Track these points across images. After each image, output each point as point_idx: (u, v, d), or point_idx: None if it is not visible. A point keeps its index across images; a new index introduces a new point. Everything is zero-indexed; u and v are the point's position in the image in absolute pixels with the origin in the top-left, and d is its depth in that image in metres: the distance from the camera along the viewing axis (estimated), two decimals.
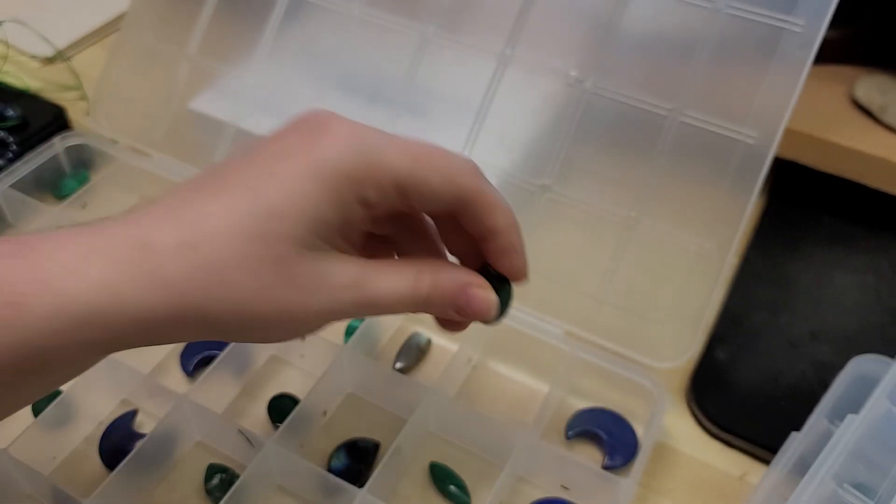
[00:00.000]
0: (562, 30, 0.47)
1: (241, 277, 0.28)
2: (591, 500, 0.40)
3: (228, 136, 0.53)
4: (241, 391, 0.45)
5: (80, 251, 0.27)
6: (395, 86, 0.50)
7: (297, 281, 0.29)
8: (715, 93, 0.44)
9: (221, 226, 0.27)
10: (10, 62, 0.66)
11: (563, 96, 0.46)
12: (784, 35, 0.42)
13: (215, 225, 0.27)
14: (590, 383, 0.45)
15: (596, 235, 0.45)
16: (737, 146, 0.43)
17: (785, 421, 0.43)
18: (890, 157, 0.51)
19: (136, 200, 0.56)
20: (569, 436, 0.43)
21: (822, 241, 0.54)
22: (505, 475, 0.39)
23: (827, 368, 0.46)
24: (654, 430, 0.40)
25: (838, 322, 0.49)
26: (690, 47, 0.44)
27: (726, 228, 0.42)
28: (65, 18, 0.70)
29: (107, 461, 0.42)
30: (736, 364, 0.47)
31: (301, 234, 0.28)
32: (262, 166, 0.29)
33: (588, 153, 0.46)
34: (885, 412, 0.36)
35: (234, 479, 0.40)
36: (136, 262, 0.27)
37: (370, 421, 0.44)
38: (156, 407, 0.44)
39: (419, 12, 0.49)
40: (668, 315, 0.43)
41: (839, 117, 0.53)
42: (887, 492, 0.35)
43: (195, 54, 0.55)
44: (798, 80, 0.41)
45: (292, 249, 0.28)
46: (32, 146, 0.55)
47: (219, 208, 0.28)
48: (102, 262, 0.27)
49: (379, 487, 0.39)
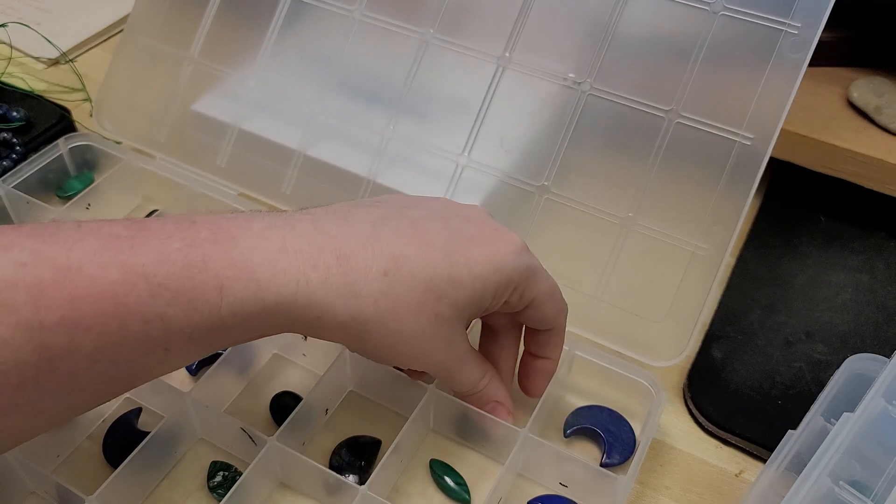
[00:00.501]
0: (560, 33, 0.47)
1: (410, 317, 0.33)
2: (589, 497, 0.41)
3: (231, 137, 0.53)
4: (244, 389, 0.46)
5: (274, 245, 0.32)
6: (395, 88, 0.50)
7: (441, 339, 0.35)
8: (711, 94, 0.44)
9: (416, 271, 0.33)
10: (14, 64, 0.66)
11: (561, 98, 0.47)
12: (780, 37, 0.42)
13: (410, 270, 0.33)
14: (588, 381, 0.45)
15: (594, 236, 0.46)
16: (733, 147, 0.43)
17: (781, 419, 0.43)
18: (885, 157, 0.51)
19: (139, 201, 0.56)
20: (567, 433, 0.44)
21: (818, 241, 0.54)
22: (504, 472, 0.39)
23: (823, 367, 0.47)
24: (652, 427, 0.41)
25: (834, 321, 0.49)
26: (687, 49, 0.44)
27: (723, 229, 0.43)
28: (69, 21, 0.71)
29: (110, 459, 0.42)
30: (732, 362, 0.47)
31: (464, 307, 0.35)
32: (458, 239, 0.35)
33: (586, 154, 0.46)
34: (881, 410, 0.37)
35: (237, 477, 0.40)
36: (334, 270, 0.32)
37: (371, 418, 0.45)
38: (159, 405, 0.44)
39: (419, 15, 0.50)
40: (666, 314, 0.44)
41: (835, 118, 0.54)
42: (883, 489, 0.35)
43: (198, 57, 0.55)
44: (794, 82, 0.42)
45: (454, 315, 0.35)
46: (37, 147, 0.56)
47: (418, 259, 0.33)
48: (300, 260, 0.32)
49: (380, 484, 0.39)
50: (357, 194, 0.50)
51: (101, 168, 0.56)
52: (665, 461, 0.44)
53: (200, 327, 0.31)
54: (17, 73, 0.65)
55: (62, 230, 0.30)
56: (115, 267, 0.29)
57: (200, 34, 0.55)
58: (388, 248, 0.33)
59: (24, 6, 0.72)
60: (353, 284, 0.32)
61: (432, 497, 0.41)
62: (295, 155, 0.52)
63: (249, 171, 0.53)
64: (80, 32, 0.70)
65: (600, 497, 0.40)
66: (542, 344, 0.41)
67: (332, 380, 0.44)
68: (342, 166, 0.51)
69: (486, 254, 0.35)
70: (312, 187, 0.52)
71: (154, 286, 0.29)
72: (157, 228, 0.31)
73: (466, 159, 0.49)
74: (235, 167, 0.53)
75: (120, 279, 0.29)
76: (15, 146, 0.56)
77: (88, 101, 0.64)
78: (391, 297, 0.33)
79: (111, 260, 0.29)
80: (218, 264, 0.30)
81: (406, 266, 0.33)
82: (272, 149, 0.52)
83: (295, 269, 0.31)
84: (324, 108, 0.52)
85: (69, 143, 0.55)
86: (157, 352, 0.31)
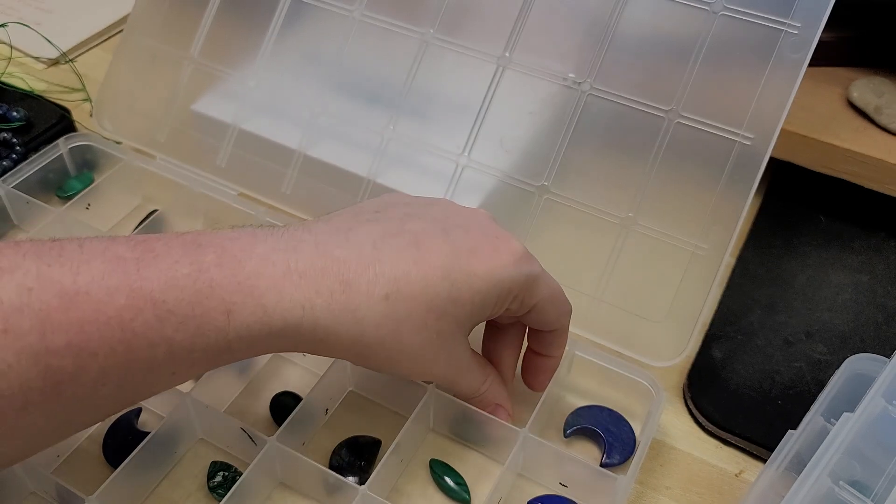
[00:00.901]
0: (560, 32, 0.47)
1: (412, 337, 0.34)
2: (589, 498, 0.41)
3: (231, 137, 0.53)
4: (244, 389, 0.46)
5: (279, 270, 0.32)
6: (395, 88, 0.50)
7: (442, 353, 0.36)
8: (711, 94, 0.44)
9: (416, 293, 0.33)
10: (14, 64, 0.66)
11: (561, 98, 0.47)
12: (780, 37, 0.42)
13: (411, 292, 0.33)
14: (588, 381, 0.45)
15: (593, 236, 0.46)
16: (733, 147, 0.43)
17: (781, 419, 0.43)
18: (885, 157, 0.51)
19: (139, 201, 0.56)
20: (567, 433, 0.44)
21: (818, 241, 0.54)
22: (504, 472, 0.39)
23: (822, 367, 0.47)
24: (652, 427, 0.41)
25: (834, 321, 0.49)
26: (687, 49, 0.44)
27: (723, 229, 0.43)
28: (69, 21, 0.71)
29: (110, 459, 0.42)
30: (732, 362, 0.47)
31: (465, 321, 0.35)
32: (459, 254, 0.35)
33: (586, 155, 0.46)
34: (881, 410, 0.37)
35: (237, 477, 0.40)
36: (338, 296, 0.32)
37: (371, 418, 0.45)
38: (159, 405, 0.44)
39: (419, 15, 0.50)
40: (666, 314, 0.44)
41: (835, 118, 0.54)
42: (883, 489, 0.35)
43: (198, 57, 0.55)
44: (794, 82, 0.42)
45: (455, 330, 0.35)
46: (37, 147, 0.56)
47: (418, 280, 0.34)
48: (305, 285, 0.32)
49: (380, 484, 0.39)
50: (357, 194, 0.50)
51: (101, 168, 0.56)
52: (665, 461, 0.44)
53: (207, 351, 0.31)
54: (17, 73, 0.65)
55: (66, 251, 0.30)
56: (121, 291, 0.29)
57: (200, 34, 0.55)
58: (389, 270, 0.33)
59: (24, 6, 0.72)
60: (356, 310, 0.33)
61: (432, 497, 0.41)
62: (295, 155, 0.52)
63: (249, 171, 0.53)
64: (80, 32, 0.70)
65: (600, 497, 0.40)
66: (546, 344, 0.41)
67: (332, 380, 0.44)
68: (342, 166, 0.51)
69: (486, 267, 0.35)
70: (312, 187, 0.52)
71: (163, 312, 0.30)
72: (162, 251, 0.31)
73: (466, 159, 0.49)
74: (235, 167, 0.54)
75: (127, 304, 0.29)
76: (15, 146, 0.56)
77: (88, 101, 0.64)
78: (393, 319, 0.33)
79: (118, 284, 0.29)
80: (224, 290, 0.31)
81: (407, 289, 0.33)
82: (272, 149, 0.52)
83: (300, 295, 0.32)
84: (324, 108, 0.52)
85: (69, 143, 0.55)
86: (162, 374, 0.31)
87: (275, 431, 0.40)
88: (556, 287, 0.39)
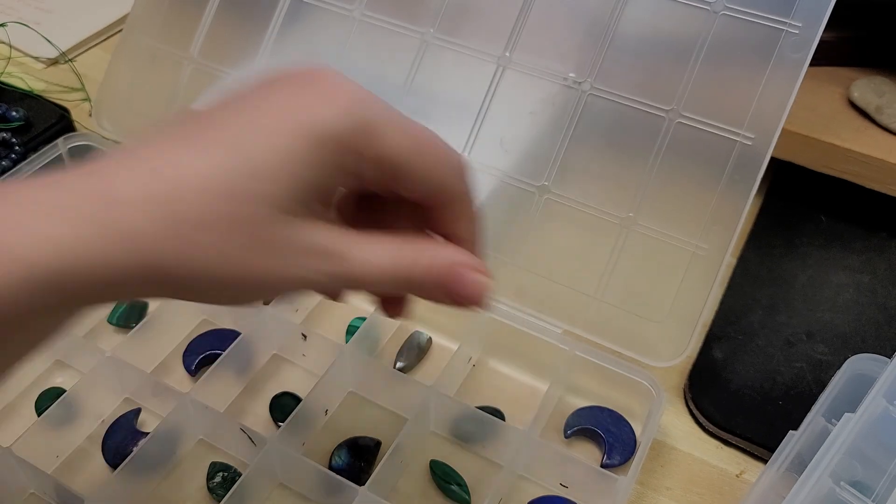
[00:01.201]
0: (560, 32, 0.47)
1: (212, 238, 0.25)
2: (589, 498, 0.41)
3: None
4: (244, 390, 0.46)
5: (40, 210, 0.24)
6: (395, 88, 0.50)
7: (270, 245, 0.26)
8: (712, 94, 0.44)
9: (197, 182, 0.25)
10: (13, 64, 0.66)
11: (562, 98, 0.47)
12: (781, 37, 0.42)
13: (190, 181, 0.25)
14: (588, 382, 0.45)
15: (594, 236, 0.46)
16: (734, 147, 0.43)
17: (782, 419, 0.43)
18: (886, 157, 0.51)
19: None
20: (567, 434, 0.44)
21: (819, 241, 0.54)
22: (504, 473, 0.39)
23: (823, 367, 0.47)
24: (652, 428, 0.41)
25: (835, 321, 0.49)
26: (688, 49, 0.44)
27: (723, 229, 0.43)
28: (68, 20, 0.71)
29: (110, 459, 0.42)
30: (733, 363, 0.47)
31: (281, 196, 0.26)
32: (249, 120, 0.26)
33: (586, 154, 0.46)
34: (882, 411, 0.37)
35: (237, 478, 0.40)
36: (100, 217, 0.24)
37: (371, 419, 0.45)
38: (158, 405, 0.44)
39: (419, 15, 0.50)
40: (666, 314, 0.44)
41: (836, 118, 0.54)
42: (884, 490, 0.35)
43: (197, 56, 0.55)
44: (795, 82, 0.42)
45: (270, 211, 0.26)
46: (36, 147, 0.56)
47: (196, 162, 0.25)
48: (63, 220, 0.24)
49: (379, 485, 0.39)
50: None
51: None
52: (666, 462, 0.44)
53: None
54: (17, 73, 0.65)
55: None
56: None
57: (200, 34, 0.55)
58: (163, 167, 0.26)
59: (24, 6, 0.72)
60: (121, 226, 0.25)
61: (432, 498, 0.41)
62: None
63: None
64: (80, 32, 0.70)
65: (601, 498, 0.40)
66: (444, 222, 0.30)
67: (331, 380, 0.44)
68: None
69: (288, 120, 0.26)
70: None
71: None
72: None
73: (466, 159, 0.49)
74: None
75: None
76: (14, 146, 0.56)
77: (88, 101, 0.64)
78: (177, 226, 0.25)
79: None
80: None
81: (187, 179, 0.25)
82: None
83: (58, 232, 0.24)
84: None
85: (68, 143, 0.55)
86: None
87: (274, 432, 0.40)
88: (425, 135, 0.29)
